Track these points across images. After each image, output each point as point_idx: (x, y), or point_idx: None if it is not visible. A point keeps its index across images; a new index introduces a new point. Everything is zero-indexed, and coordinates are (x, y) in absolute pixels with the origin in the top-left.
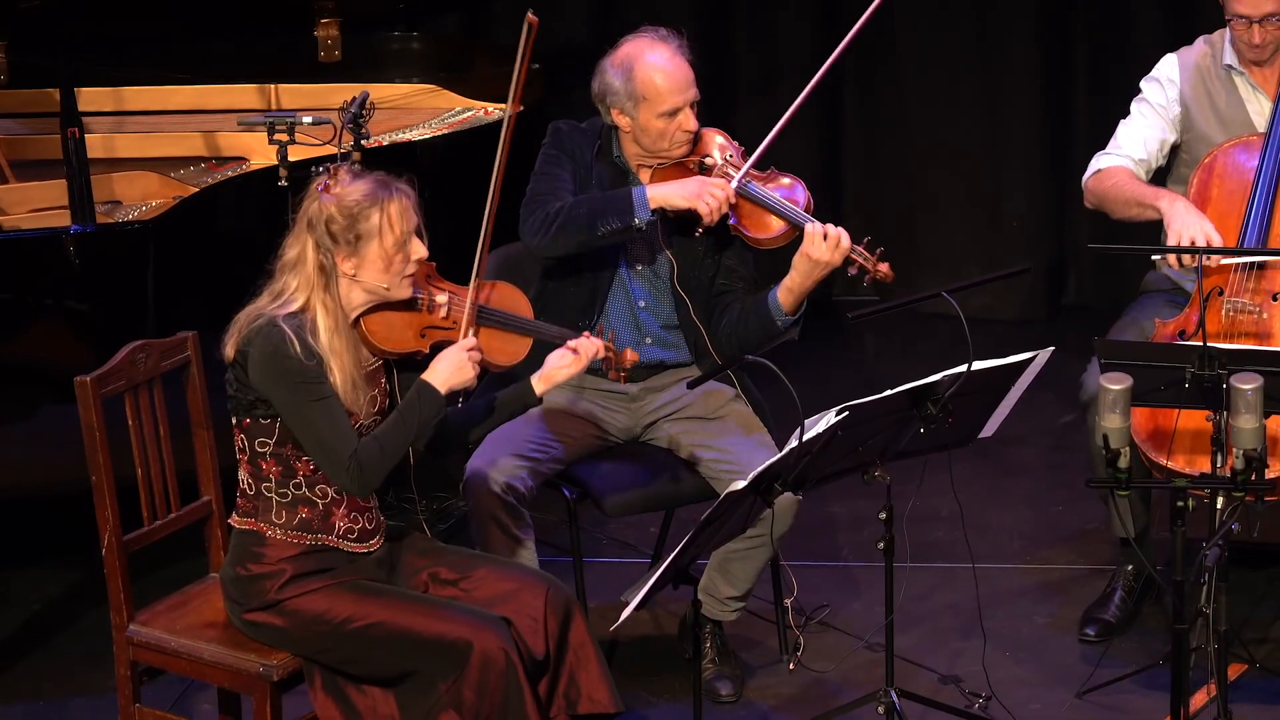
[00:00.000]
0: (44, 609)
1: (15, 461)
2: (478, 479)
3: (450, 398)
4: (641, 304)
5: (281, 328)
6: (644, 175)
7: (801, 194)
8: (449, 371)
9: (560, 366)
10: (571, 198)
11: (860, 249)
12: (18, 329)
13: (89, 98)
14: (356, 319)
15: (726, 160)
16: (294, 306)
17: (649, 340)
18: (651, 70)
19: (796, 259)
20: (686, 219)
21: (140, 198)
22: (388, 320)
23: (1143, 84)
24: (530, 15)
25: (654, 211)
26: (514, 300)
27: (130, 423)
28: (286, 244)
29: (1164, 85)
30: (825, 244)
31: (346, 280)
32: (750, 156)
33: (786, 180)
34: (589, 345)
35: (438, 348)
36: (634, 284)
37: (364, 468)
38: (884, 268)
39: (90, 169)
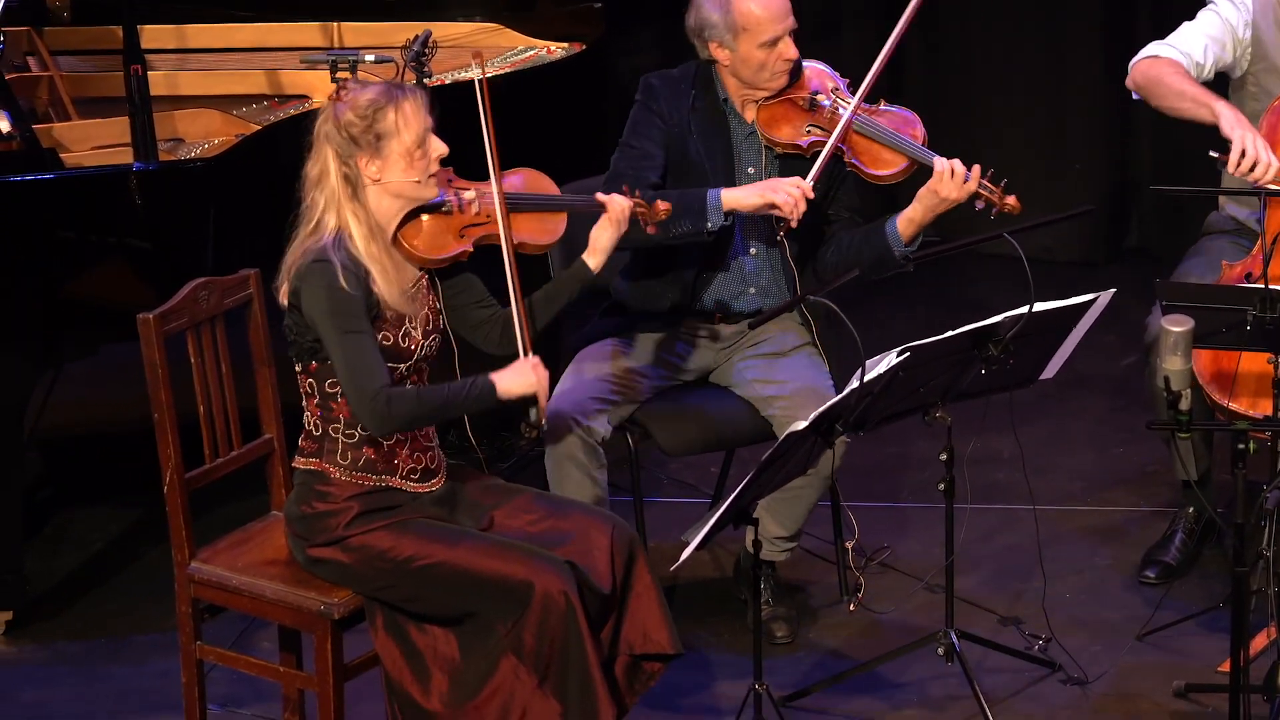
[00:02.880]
0: (105, 546)
1: (78, 399)
2: (559, 419)
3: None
4: (752, 250)
5: (332, 260)
6: (748, 113)
7: (919, 128)
8: (513, 377)
9: (601, 233)
10: (654, 177)
11: (985, 183)
12: (81, 267)
13: (152, 35)
14: (395, 235)
15: (835, 96)
16: (329, 230)
17: (753, 290)
18: (749, 0)
19: (922, 193)
20: (799, 161)
21: (203, 135)
22: (423, 229)
23: None
24: None
25: (727, 215)
26: (539, 182)
27: (192, 360)
28: (308, 163)
29: (1238, 8)
30: (953, 180)
31: (374, 188)
32: (858, 90)
33: (900, 113)
34: (616, 205)
35: (482, 245)
36: (747, 231)
37: (392, 406)
38: (1011, 200)
39: (153, 106)
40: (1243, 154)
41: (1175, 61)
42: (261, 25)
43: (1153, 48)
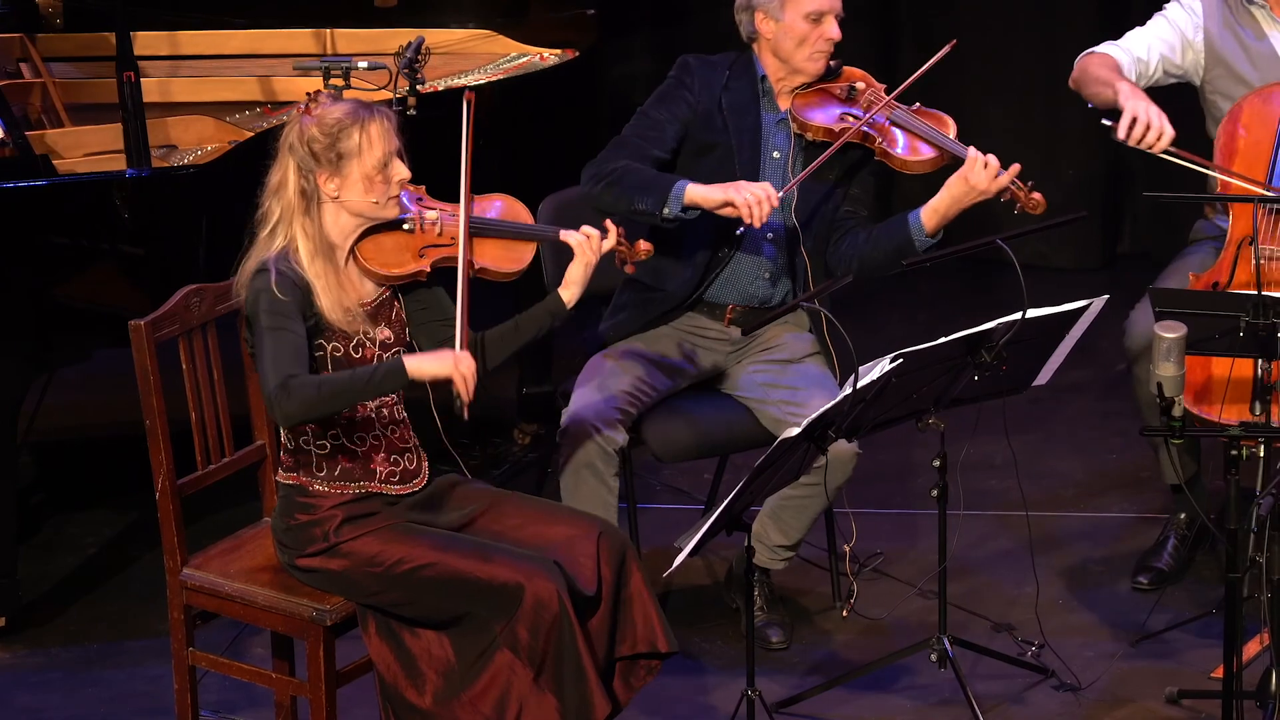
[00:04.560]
0: (98, 552)
1: (71, 405)
2: (578, 425)
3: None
4: (769, 235)
5: (269, 270)
6: (783, 101)
7: (952, 125)
8: (427, 359)
9: (574, 268)
10: (660, 153)
11: (1016, 180)
12: (73, 273)
13: (145, 41)
14: (351, 249)
15: (872, 92)
16: (279, 242)
17: (767, 275)
18: None
19: (952, 180)
20: (818, 146)
21: (195, 142)
22: (381, 244)
23: (1169, 4)
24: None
25: (687, 209)
26: (515, 211)
27: (184, 367)
28: (271, 170)
29: (1188, 14)
30: (985, 172)
31: (331, 205)
32: (896, 89)
33: (936, 113)
34: (589, 243)
35: (441, 266)
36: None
37: (292, 395)
38: (1036, 197)
39: (146, 113)
40: (1133, 121)
41: (1107, 55)
42: (255, 32)
43: (1097, 47)
